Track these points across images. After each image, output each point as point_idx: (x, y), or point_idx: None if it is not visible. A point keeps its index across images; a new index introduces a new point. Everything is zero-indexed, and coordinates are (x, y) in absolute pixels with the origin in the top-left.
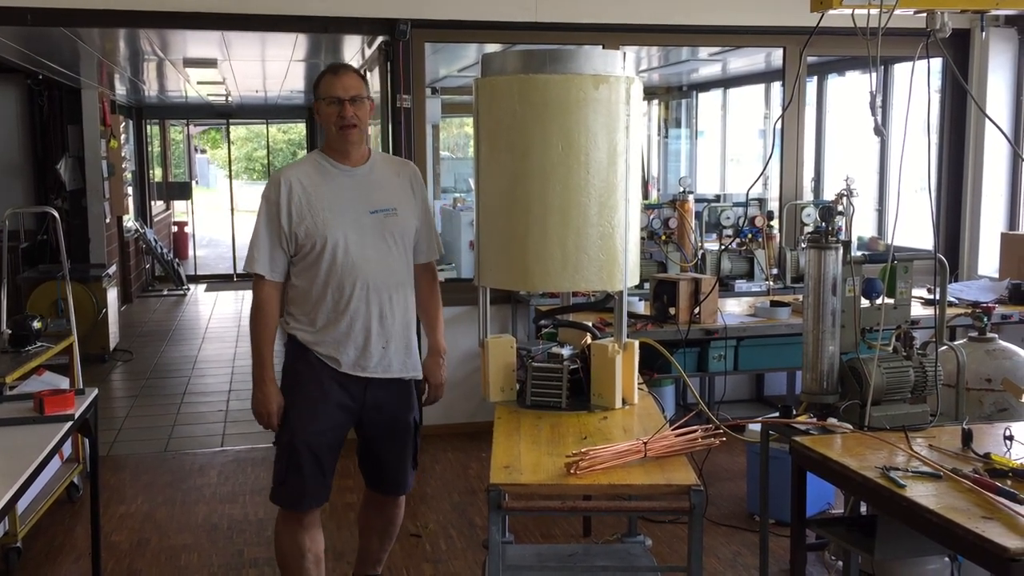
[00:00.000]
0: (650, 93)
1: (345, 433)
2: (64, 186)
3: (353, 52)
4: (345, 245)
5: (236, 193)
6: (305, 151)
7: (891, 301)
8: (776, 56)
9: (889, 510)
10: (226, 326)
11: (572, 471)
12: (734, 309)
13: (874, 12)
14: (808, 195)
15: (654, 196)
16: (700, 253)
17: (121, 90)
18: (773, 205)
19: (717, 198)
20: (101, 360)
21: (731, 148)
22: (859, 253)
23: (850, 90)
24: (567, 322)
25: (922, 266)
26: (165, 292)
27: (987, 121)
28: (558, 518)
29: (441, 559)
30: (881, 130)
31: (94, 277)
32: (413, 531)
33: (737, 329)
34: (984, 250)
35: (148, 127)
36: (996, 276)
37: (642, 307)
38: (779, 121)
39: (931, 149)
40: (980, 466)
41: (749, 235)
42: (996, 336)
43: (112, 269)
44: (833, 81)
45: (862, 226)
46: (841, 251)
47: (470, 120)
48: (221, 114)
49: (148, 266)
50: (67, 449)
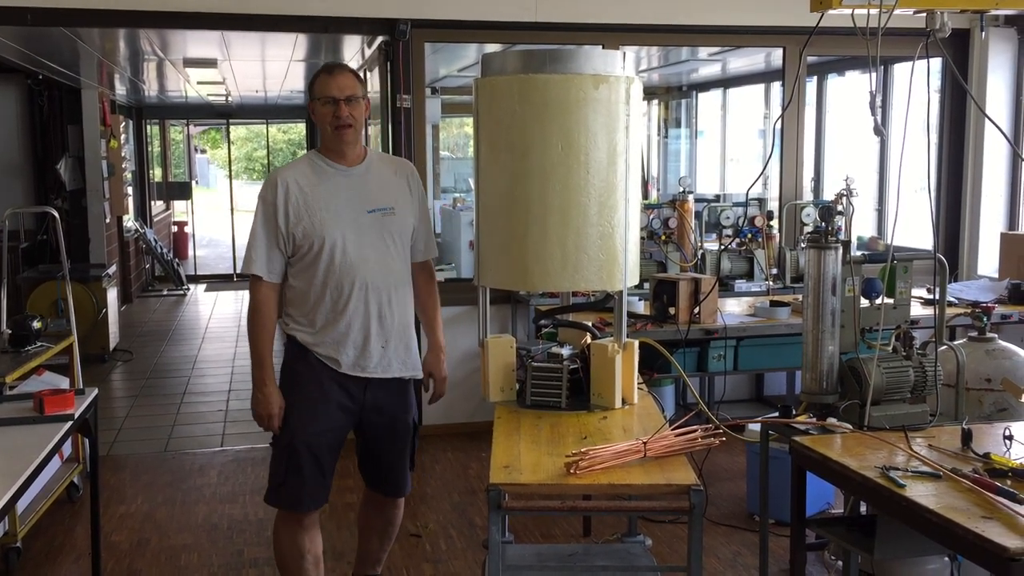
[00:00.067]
0: (650, 93)
1: (345, 434)
2: (64, 186)
3: (353, 52)
4: (343, 245)
5: (236, 193)
6: (305, 151)
7: (891, 301)
8: (776, 56)
9: (889, 510)
10: (226, 326)
11: (572, 471)
12: (734, 309)
13: (874, 12)
14: (808, 195)
15: (654, 196)
16: (700, 253)
17: (121, 90)
18: (773, 205)
19: (717, 198)
20: (101, 360)
21: (731, 148)
22: (859, 253)
23: (850, 90)
24: (567, 322)
25: (922, 266)
26: (165, 292)
27: (987, 121)
28: (558, 518)
29: (441, 559)
30: (881, 130)
31: (94, 277)
32: (413, 531)
33: (737, 329)
34: (984, 250)
35: (148, 127)
36: (996, 276)
37: (642, 307)
38: (779, 121)
39: (931, 149)
40: (980, 466)
41: (749, 235)
42: (996, 336)
43: (112, 269)
44: (833, 81)
45: (862, 226)
46: (841, 251)
47: (470, 120)
48: (221, 114)
49: (148, 266)
50: (67, 449)
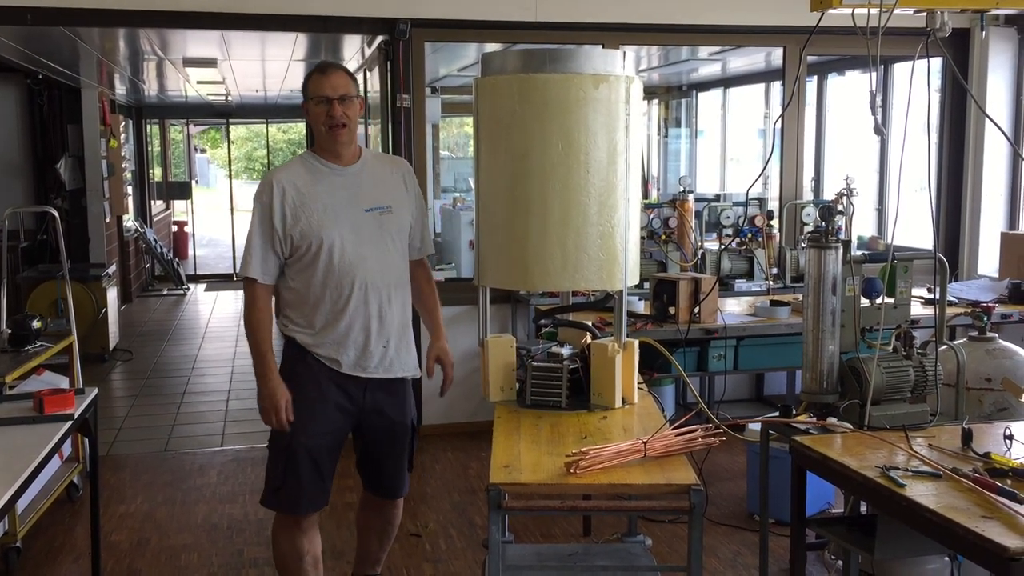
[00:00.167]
0: (650, 93)
1: (344, 436)
2: (64, 186)
3: (353, 51)
4: (341, 245)
5: (236, 193)
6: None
7: (891, 300)
8: (776, 56)
9: (889, 510)
10: (226, 326)
11: (572, 471)
12: (734, 309)
13: (874, 11)
14: (808, 195)
15: (654, 196)
16: (700, 253)
17: (121, 90)
18: (773, 205)
19: (717, 197)
20: (101, 360)
21: (731, 148)
22: (859, 253)
23: (850, 89)
24: (567, 321)
25: (922, 265)
26: (165, 292)
27: (987, 121)
28: (558, 518)
29: (441, 559)
30: (881, 129)
31: (94, 277)
32: (413, 531)
33: (737, 329)
34: (984, 250)
35: (148, 127)
36: (996, 275)
37: (642, 306)
38: (779, 120)
39: (931, 149)
40: (980, 465)
41: (749, 235)
42: (996, 336)
43: (112, 269)
44: (833, 80)
45: (862, 226)
46: (841, 251)
47: (470, 120)
48: (221, 114)
49: (148, 266)
50: (67, 449)
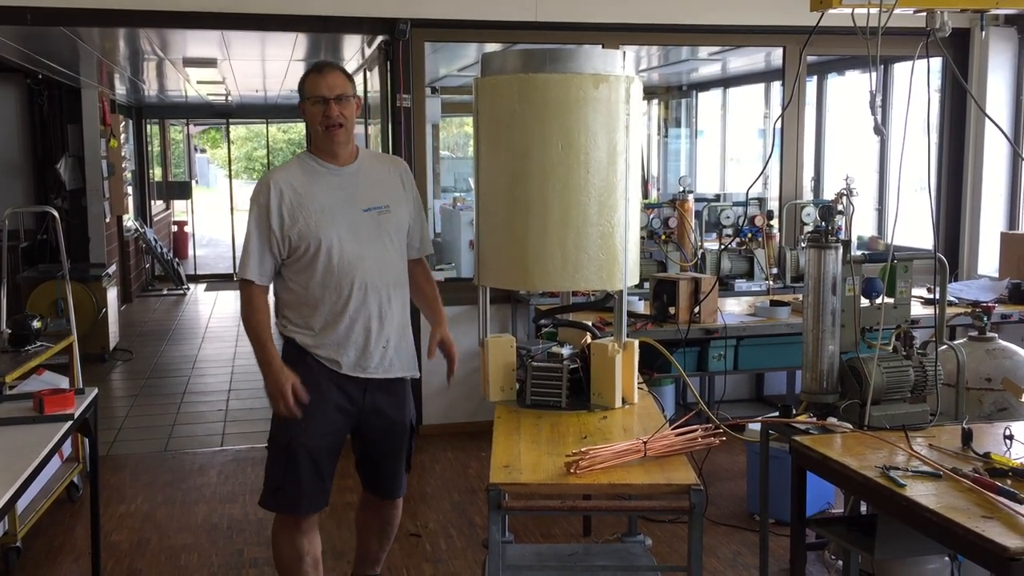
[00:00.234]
0: (650, 93)
1: (343, 438)
2: (64, 186)
3: (353, 51)
4: (340, 245)
5: (236, 193)
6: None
7: (891, 300)
8: (776, 55)
9: (889, 510)
10: (226, 325)
11: (572, 471)
12: (734, 308)
13: (874, 11)
14: (808, 194)
15: (654, 195)
16: (700, 252)
17: (121, 90)
18: (773, 204)
19: (717, 197)
20: (101, 360)
21: (731, 148)
22: (859, 252)
23: (850, 89)
24: (567, 321)
25: (922, 265)
26: (165, 292)
27: (987, 121)
28: (558, 518)
29: (441, 559)
30: (881, 129)
31: (94, 277)
32: (413, 531)
33: (737, 329)
34: (984, 249)
35: (148, 127)
36: (996, 275)
37: (642, 306)
38: (779, 120)
39: (931, 148)
40: (980, 465)
41: (749, 234)
42: (996, 335)
43: (112, 269)
44: (833, 80)
45: (862, 225)
46: (841, 250)
47: (470, 120)
48: (221, 114)
49: (148, 266)
50: (67, 449)
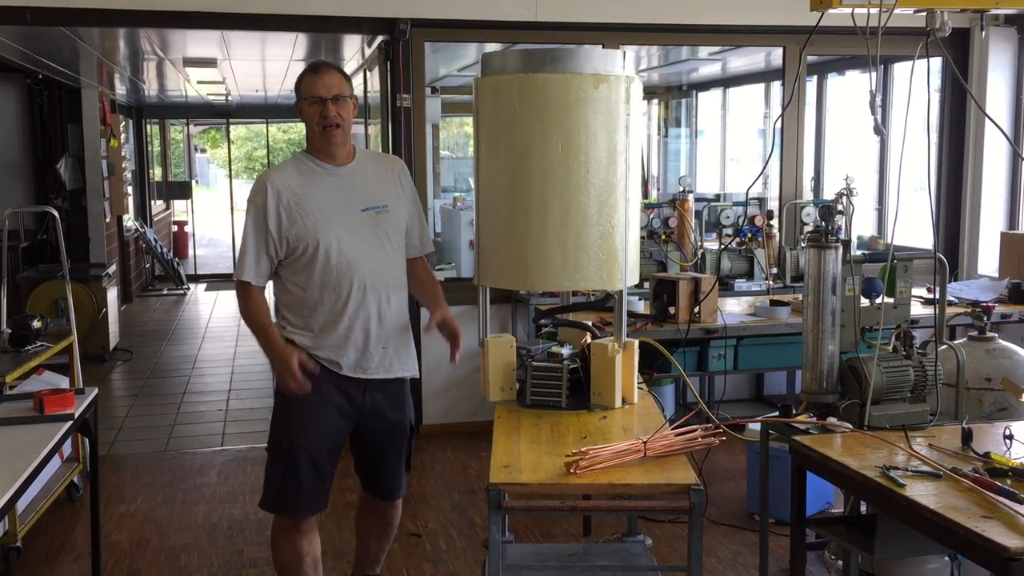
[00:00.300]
0: (650, 93)
1: (343, 439)
2: (64, 186)
3: (353, 51)
4: (338, 246)
5: (236, 192)
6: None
7: (891, 300)
8: (776, 55)
9: (889, 509)
10: (226, 325)
11: (572, 470)
12: (734, 308)
13: (874, 11)
14: (808, 194)
15: (654, 195)
16: (700, 252)
17: (121, 89)
18: (773, 204)
19: (717, 197)
20: (101, 360)
21: (731, 147)
22: (859, 252)
23: (850, 89)
24: (567, 321)
25: (922, 265)
26: (165, 291)
27: (987, 120)
28: (558, 518)
29: (441, 559)
30: (881, 129)
31: (94, 277)
32: (413, 531)
33: (737, 328)
34: (984, 249)
35: (148, 126)
36: (996, 275)
37: (642, 306)
38: (779, 120)
39: (931, 148)
40: (980, 465)
41: (749, 234)
42: (996, 335)
43: (112, 269)
44: (833, 80)
45: (862, 225)
46: (841, 250)
47: (470, 120)
48: (221, 114)
49: (148, 265)
50: (67, 449)
